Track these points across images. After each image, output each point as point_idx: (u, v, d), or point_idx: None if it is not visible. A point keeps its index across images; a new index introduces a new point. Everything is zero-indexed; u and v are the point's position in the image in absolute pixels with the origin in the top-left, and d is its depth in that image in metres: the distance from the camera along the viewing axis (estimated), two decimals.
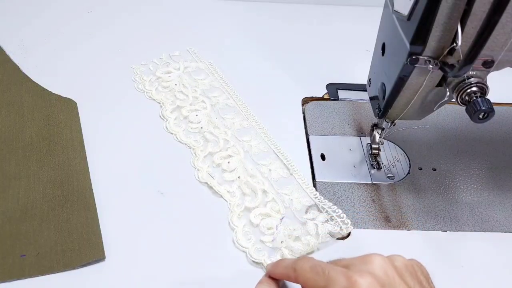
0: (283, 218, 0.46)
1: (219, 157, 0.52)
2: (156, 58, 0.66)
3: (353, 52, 0.69)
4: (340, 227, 0.45)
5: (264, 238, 0.45)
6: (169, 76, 0.63)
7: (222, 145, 0.53)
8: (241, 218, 0.47)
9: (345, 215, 0.46)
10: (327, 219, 0.46)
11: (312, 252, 0.44)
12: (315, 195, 0.49)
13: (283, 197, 0.49)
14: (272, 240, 0.44)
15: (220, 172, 0.51)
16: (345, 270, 0.33)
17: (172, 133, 0.55)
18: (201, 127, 0.55)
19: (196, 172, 0.51)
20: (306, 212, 0.47)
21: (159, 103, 0.59)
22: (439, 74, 0.41)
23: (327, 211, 0.47)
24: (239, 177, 0.50)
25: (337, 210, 0.47)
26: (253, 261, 0.43)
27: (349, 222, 0.46)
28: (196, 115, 0.57)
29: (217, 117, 0.57)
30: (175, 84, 0.61)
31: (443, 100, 0.42)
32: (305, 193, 0.49)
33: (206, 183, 0.50)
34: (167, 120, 0.56)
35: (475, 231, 0.47)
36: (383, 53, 0.46)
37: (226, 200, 0.48)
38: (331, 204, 0.48)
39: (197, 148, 0.53)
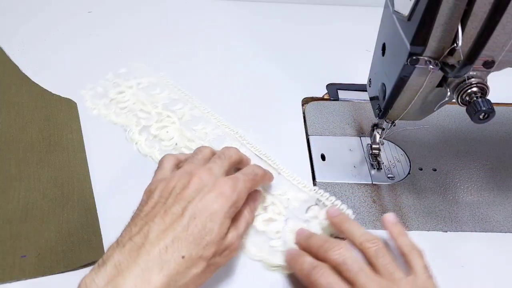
0: (287, 219, 0.46)
1: None
2: (101, 79, 0.61)
3: (353, 52, 0.69)
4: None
5: (273, 243, 0.45)
6: (124, 97, 0.59)
7: None
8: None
9: (345, 205, 0.46)
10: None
11: None
12: (309, 188, 0.49)
13: (279, 198, 0.48)
14: (282, 243, 0.44)
15: None
16: None
17: (147, 156, 0.52)
18: (175, 143, 0.53)
19: None
20: (307, 211, 0.47)
21: (122, 126, 0.55)
22: (439, 74, 0.41)
23: (324, 204, 0.47)
24: None
25: (336, 202, 0.47)
26: (271, 267, 0.43)
27: (350, 212, 0.46)
28: (167, 132, 0.54)
29: (188, 130, 0.55)
30: (133, 103, 0.58)
31: (444, 101, 0.42)
32: (298, 189, 0.49)
33: None
34: (137, 143, 0.53)
35: (475, 231, 0.47)
36: (383, 54, 0.46)
37: None
38: (328, 194, 0.48)
39: None
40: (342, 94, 0.63)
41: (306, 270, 0.39)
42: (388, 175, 0.52)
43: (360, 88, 0.62)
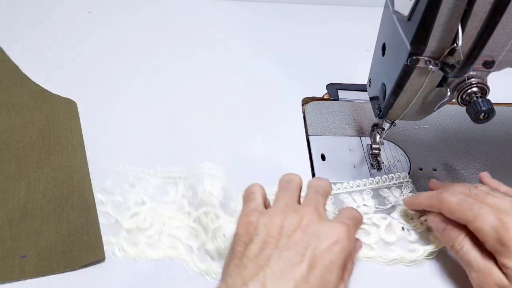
0: (390, 214, 0.47)
1: None
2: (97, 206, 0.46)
3: (353, 52, 0.69)
4: (407, 181, 0.50)
5: (410, 238, 0.45)
6: (144, 220, 0.44)
7: None
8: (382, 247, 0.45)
9: (394, 174, 0.50)
10: (401, 189, 0.49)
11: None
12: (363, 183, 0.50)
13: (363, 209, 0.48)
14: (413, 232, 0.46)
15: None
16: (496, 210, 0.36)
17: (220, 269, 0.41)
18: None
19: None
20: (388, 198, 0.49)
21: (172, 259, 0.43)
22: (439, 74, 0.41)
23: (388, 185, 0.50)
24: None
25: (383, 178, 0.50)
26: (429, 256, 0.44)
27: (404, 174, 0.50)
28: (224, 235, 0.42)
29: (233, 213, 0.43)
30: (163, 224, 0.44)
31: (444, 101, 0.42)
32: (357, 193, 0.50)
33: None
34: (206, 272, 0.42)
35: None
36: (383, 54, 0.46)
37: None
38: (378, 179, 0.50)
39: None
40: (342, 94, 0.63)
41: (434, 197, 0.41)
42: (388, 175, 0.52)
43: (360, 88, 0.62)
